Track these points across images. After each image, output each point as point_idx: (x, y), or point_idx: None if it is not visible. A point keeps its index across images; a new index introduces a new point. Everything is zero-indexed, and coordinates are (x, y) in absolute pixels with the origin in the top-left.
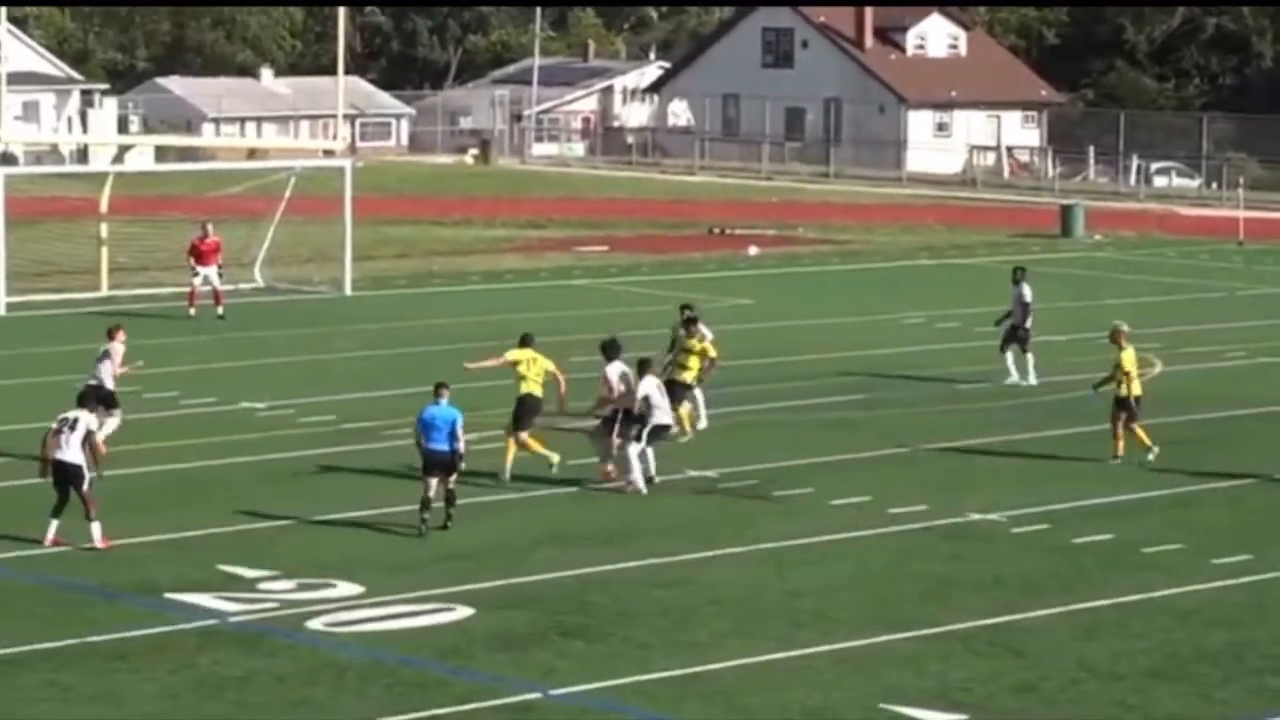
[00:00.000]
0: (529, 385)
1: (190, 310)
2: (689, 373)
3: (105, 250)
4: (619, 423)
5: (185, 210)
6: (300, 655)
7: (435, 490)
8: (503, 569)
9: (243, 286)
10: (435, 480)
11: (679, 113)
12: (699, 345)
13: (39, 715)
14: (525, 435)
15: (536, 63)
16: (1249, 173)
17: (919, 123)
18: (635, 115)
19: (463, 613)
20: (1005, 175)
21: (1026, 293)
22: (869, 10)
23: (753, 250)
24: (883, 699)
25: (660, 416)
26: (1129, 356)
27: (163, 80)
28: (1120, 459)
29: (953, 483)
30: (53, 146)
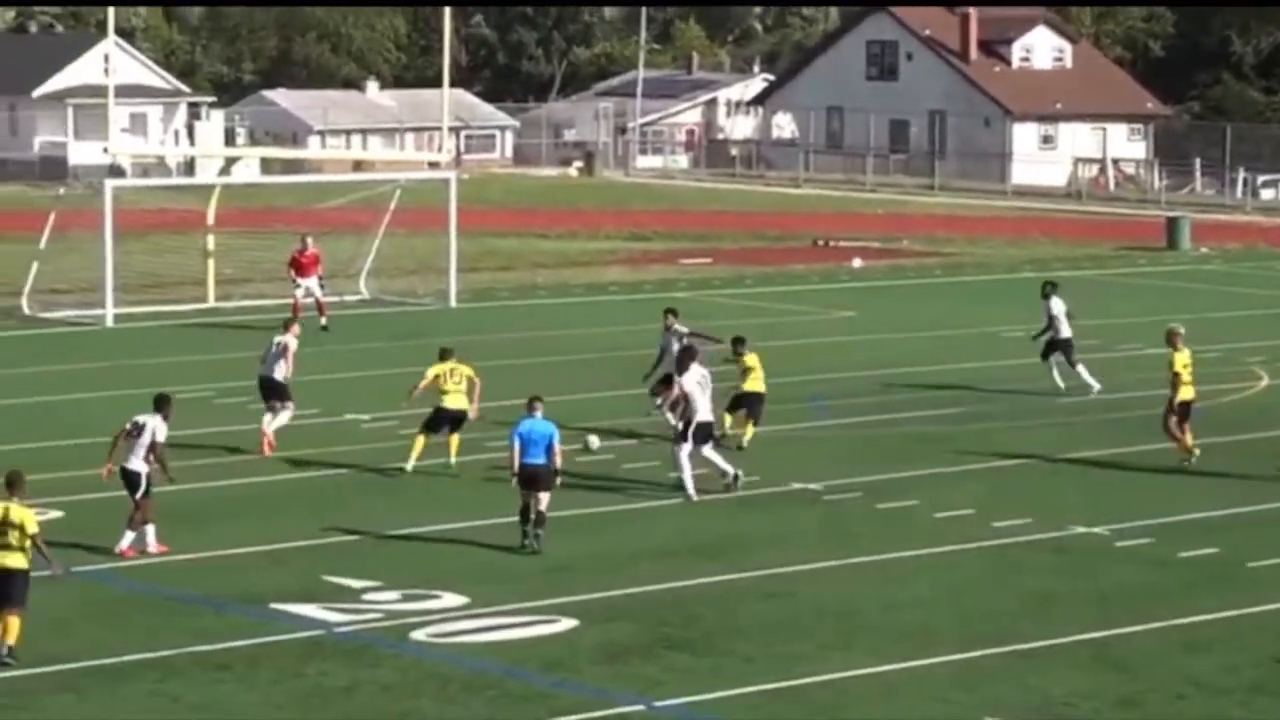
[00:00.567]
0: (450, 398)
1: (322, 322)
2: (758, 383)
3: (211, 262)
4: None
5: (290, 223)
6: (405, 666)
7: (533, 502)
8: (605, 581)
9: (348, 298)
10: (531, 494)
11: (783, 125)
12: (753, 361)
13: None
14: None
15: (641, 75)
16: None
17: (1024, 135)
18: (739, 128)
19: (566, 624)
20: (1111, 188)
21: (1054, 306)
22: (974, 22)
23: (857, 263)
24: (985, 713)
25: (702, 414)
26: (1182, 359)
27: (269, 93)
28: (1194, 458)
29: (1056, 496)
30: (160, 159)
